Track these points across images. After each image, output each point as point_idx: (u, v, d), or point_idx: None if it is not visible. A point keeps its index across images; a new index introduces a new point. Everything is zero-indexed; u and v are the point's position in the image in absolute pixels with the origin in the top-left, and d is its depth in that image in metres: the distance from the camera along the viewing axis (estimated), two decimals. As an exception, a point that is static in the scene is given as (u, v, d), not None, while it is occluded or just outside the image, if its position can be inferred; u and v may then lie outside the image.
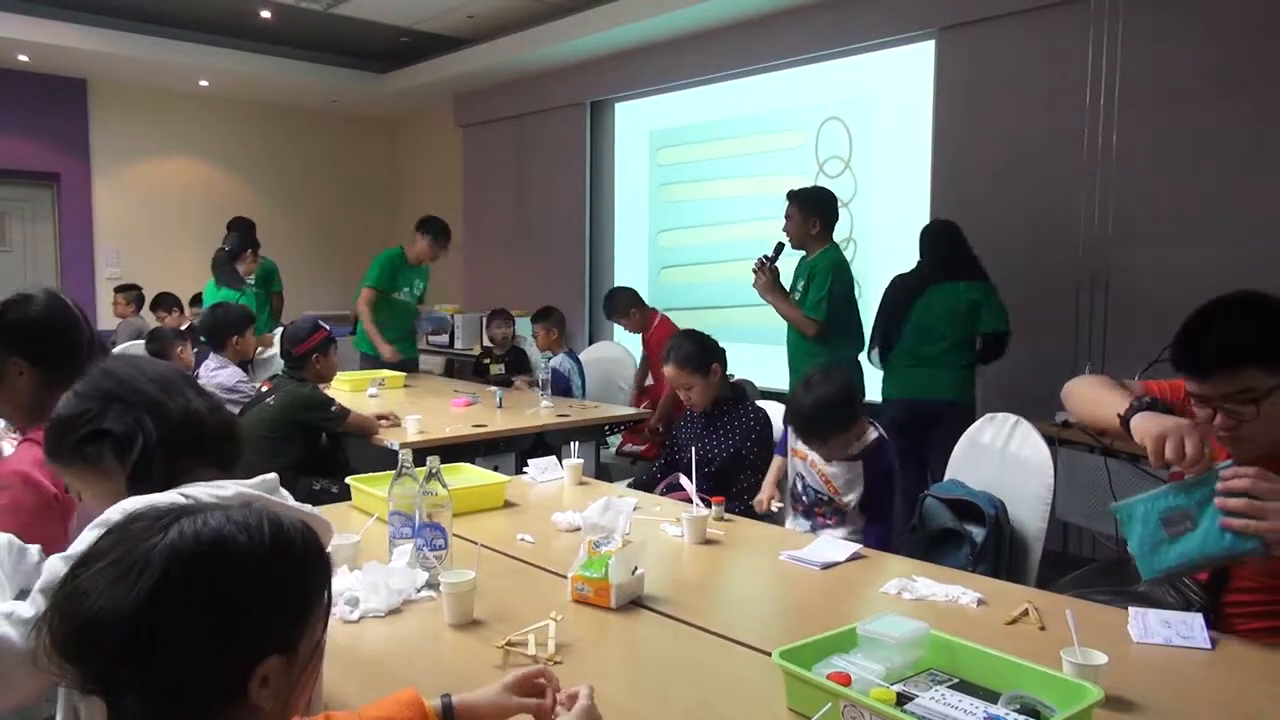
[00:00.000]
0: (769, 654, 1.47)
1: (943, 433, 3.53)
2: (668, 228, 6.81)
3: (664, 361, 3.19)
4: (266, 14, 6.70)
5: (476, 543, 1.96)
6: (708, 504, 2.43)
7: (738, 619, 1.85)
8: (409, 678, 1.42)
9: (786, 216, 4.16)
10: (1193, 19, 4.09)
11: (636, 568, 1.88)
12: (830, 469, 2.59)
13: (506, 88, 7.77)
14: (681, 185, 6.69)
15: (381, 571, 1.87)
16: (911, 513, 2.70)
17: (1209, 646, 1.62)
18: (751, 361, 5.26)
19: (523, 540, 2.30)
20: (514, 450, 3.95)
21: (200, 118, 8.52)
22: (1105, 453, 3.18)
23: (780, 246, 4.15)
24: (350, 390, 4.73)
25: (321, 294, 7.96)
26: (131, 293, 7.03)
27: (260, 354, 5.40)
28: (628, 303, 5.39)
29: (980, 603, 1.86)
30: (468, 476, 2.75)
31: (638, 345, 5.52)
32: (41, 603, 1.20)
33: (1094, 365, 4.30)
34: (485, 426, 3.85)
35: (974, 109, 4.85)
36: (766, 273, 4.08)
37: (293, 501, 1.35)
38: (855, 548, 2.21)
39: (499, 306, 6.12)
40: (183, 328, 6.26)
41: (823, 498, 2.63)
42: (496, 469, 3.09)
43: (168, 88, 8.18)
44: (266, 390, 3.75)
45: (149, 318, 6.89)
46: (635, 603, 1.86)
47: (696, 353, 3.12)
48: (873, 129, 5.51)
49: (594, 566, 1.84)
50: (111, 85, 8.01)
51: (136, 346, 4.90)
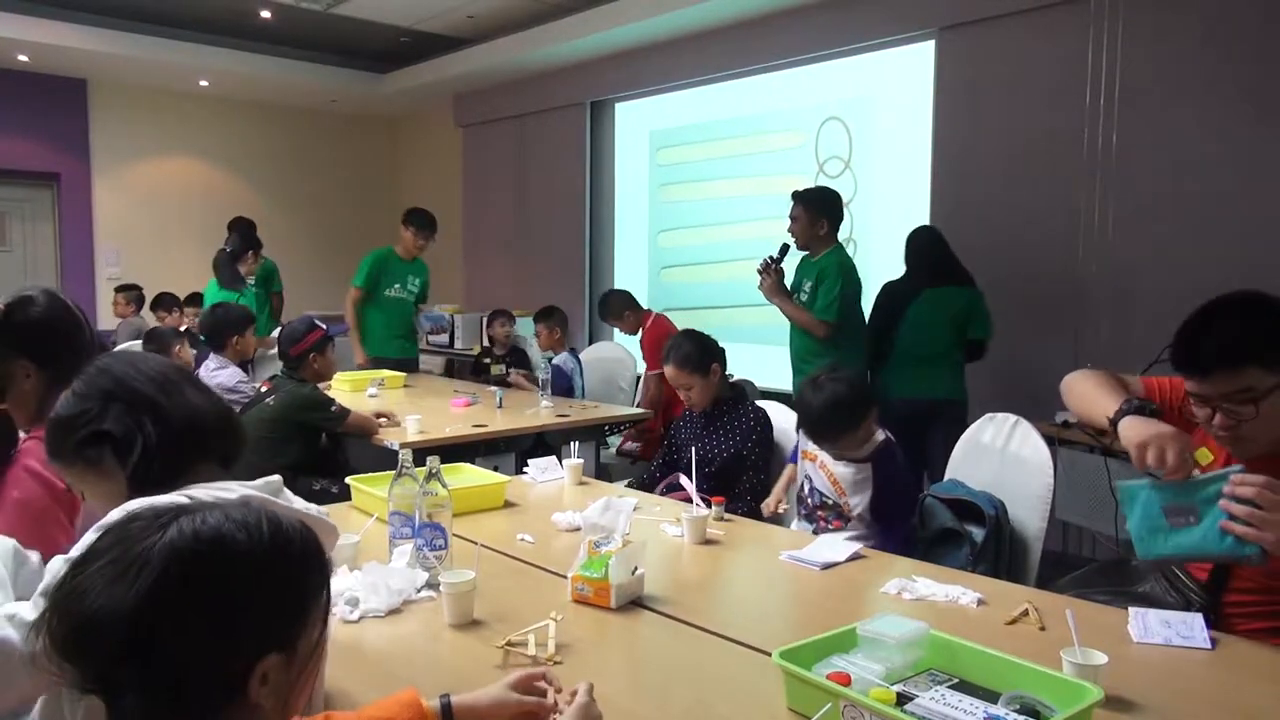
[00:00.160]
0: (769, 654, 1.47)
1: (941, 429, 3.79)
2: (668, 228, 6.81)
3: (664, 361, 3.19)
4: (266, 14, 6.70)
5: (476, 543, 1.96)
6: (708, 504, 2.43)
7: (738, 619, 1.85)
8: (409, 678, 1.43)
9: (792, 217, 4.14)
10: (1193, 19, 4.09)
11: (636, 568, 1.88)
12: (839, 470, 2.59)
13: (506, 88, 7.77)
14: (681, 185, 6.69)
15: (381, 572, 1.87)
16: (911, 511, 2.70)
17: (1209, 647, 1.62)
18: (751, 361, 5.26)
19: (523, 540, 2.30)
20: (514, 450, 3.96)
21: (200, 118, 8.52)
22: (1105, 452, 3.17)
23: (785, 247, 4.14)
24: (350, 390, 4.73)
25: (321, 294, 7.95)
26: (132, 293, 7.03)
27: (260, 354, 5.40)
28: (621, 305, 5.39)
29: (980, 603, 1.86)
30: (468, 476, 2.75)
31: (637, 346, 5.52)
32: (44, 605, 1.20)
33: (1094, 366, 4.28)
34: (485, 426, 3.85)
35: (974, 109, 4.85)
36: (772, 274, 4.07)
37: (298, 504, 1.35)
38: (855, 547, 2.21)
39: (500, 307, 6.12)
40: (181, 329, 6.26)
41: (828, 501, 2.63)
42: (496, 469, 3.09)
43: (168, 88, 8.18)
44: (266, 390, 3.75)
45: (149, 317, 6.89)
46: (635, 603, 1.86)
47: (696, 353, 3.12)
48: (873, 129, 5.51)
49: (594, 566, 1.84)
50: (111, 85, 8.01)
51: (136, 346, 4.89)
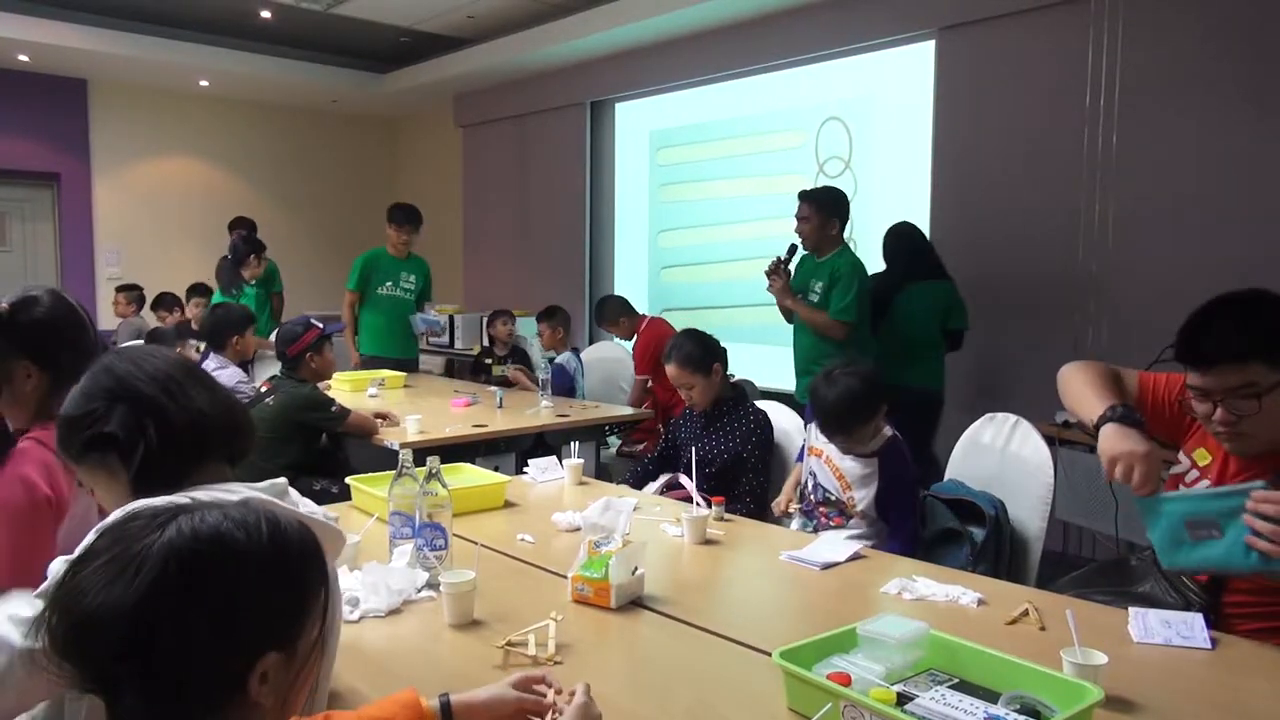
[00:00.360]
0: (769, 654, 1.47)
1: (927, 417, 4.17)
2: (668, 228, 6.81)
3: (665, 360, 3.19)
4: (267, 14, 6.70)
5: (477, 543, 1.96)
6: (708, 504, 2.43)
7: (738, 619, 1.85)
8: (409, 678, 1.43)
9: (801, 218, 4.11)
10: (1193, 19, 4.09)
11: (637, 568, 1.88)
12: (846, 464, 2.60)
13: (506, 88, 7.77)
14: (681, 185, 6.69)
15: (381, 572, 1.87)
16: (915, 508, 2.70)
17: (1209, 647, 1.62)
18: (751, 361, 5.26)
19: (523, 540, 2.30)
20: (514, 450, 3.95)
21: (200, 118, 8.52)
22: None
23: (794, 247, 4.13)
24: (350, 390, 4.73)
25: (321, 294, 7.96)
26: (133, 292, 7.02)
27: (260, 355, 5.41)
28: (617, 311, 5.39)
29: (980, 603, 1.86)
30: (468, 476, 2.75)
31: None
32: (42, 605, 1.20)
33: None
34: (485, 426, 3.85)
35: (974, 109, 4.85)
36: (782, 275, 4.07)
37: (304, 508, 1.34)
38: (856, 547, 2.21)
39: (501, 307, 6.12)
40: (187, 316, 6.30)
41: (830, 497, 2.63)
42: (497, 469, 3.09)
43: (168, 88, 8.18)
44: (266, 390, 3.75)
45: (149, 317, 6.89)
46: (635, 603, 1.86)
47: (698, 352, 3.12)
48: (873, 129, 5.51)
49: (594, 566, 1.84)
50: (112, 85, 8.01)
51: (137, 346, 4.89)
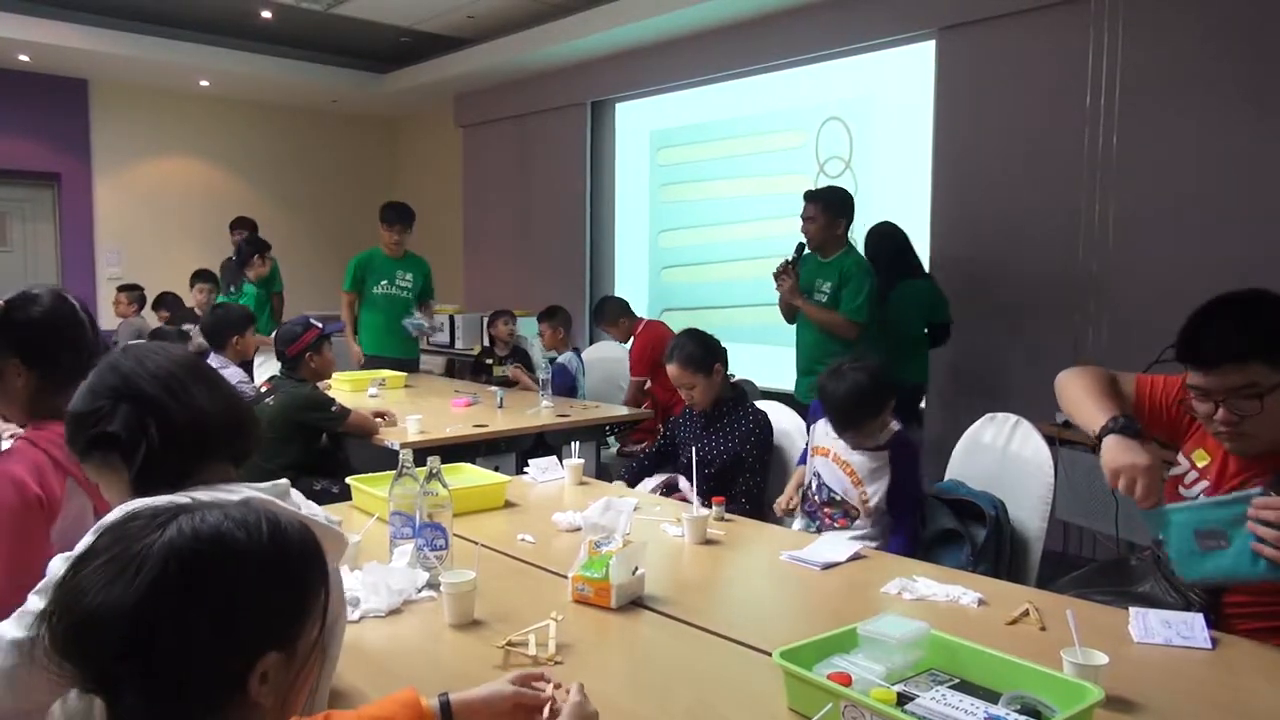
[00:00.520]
0: (770, 654, 1.47)
1: (914, 410, 4.36)
2: (668, 228, 6.81)
3: (667, 359, 3.19)
4: (267, 14, 6.70)
5: (477, 543, 1.96)
6: (708, 504, 2.43)
7: (738, 619, 1.85)
8: (410, 678, 1.42)
9: (807, 218, 4.11)
10: (1193, 19, 4.08)
11: (637, 568, 1.88)
12: (856, 459, 2.60)
13: (507, 88, 7.77)
14: (682, 185, 6.69)
15: (382, 572, 1.87)
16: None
17: (1209, 647, 1.62)
18: (751, 361, 5.25)
19: (523, 540, 2.30)
20: (514, 450, 3.95)
21: (201, 118, 8.52)
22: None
23: (801, 246, 4.13)
24: (351, 390, 4.73)
25: (321, 294, 7.95)
26: (134, 292, 7.02)
27: (261, 355, 5.41)
28: (616, 312, 5.40)
29: (981, 603, 1.86)
30: (468, 476, 2.75)
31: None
32: (37, 603, 1.19)
33: (1087, 362, 4.30)
34: (486, 426, 3.85)
35: (974, 109, 4.84)
36: (791, 276, 4.06)
37: (306, 510, 1.34)
38: (856, 547, 2.21)
39: (501, 308, 6.11)
40: (190, 304, 6.35)
41: (835, 497, 2.63)
42: (497, 469, 3.09)
43: (168, 88, 8.18)
44: (266, 390, 3.75)
45: (150, 317, 6.89)
46: (636, 603, 1.86)
47: (700, 352, 3.12)
48: (873, 129, 5.50)
49: (594, 567, 1.84)
50: (112, 85, 8.01)
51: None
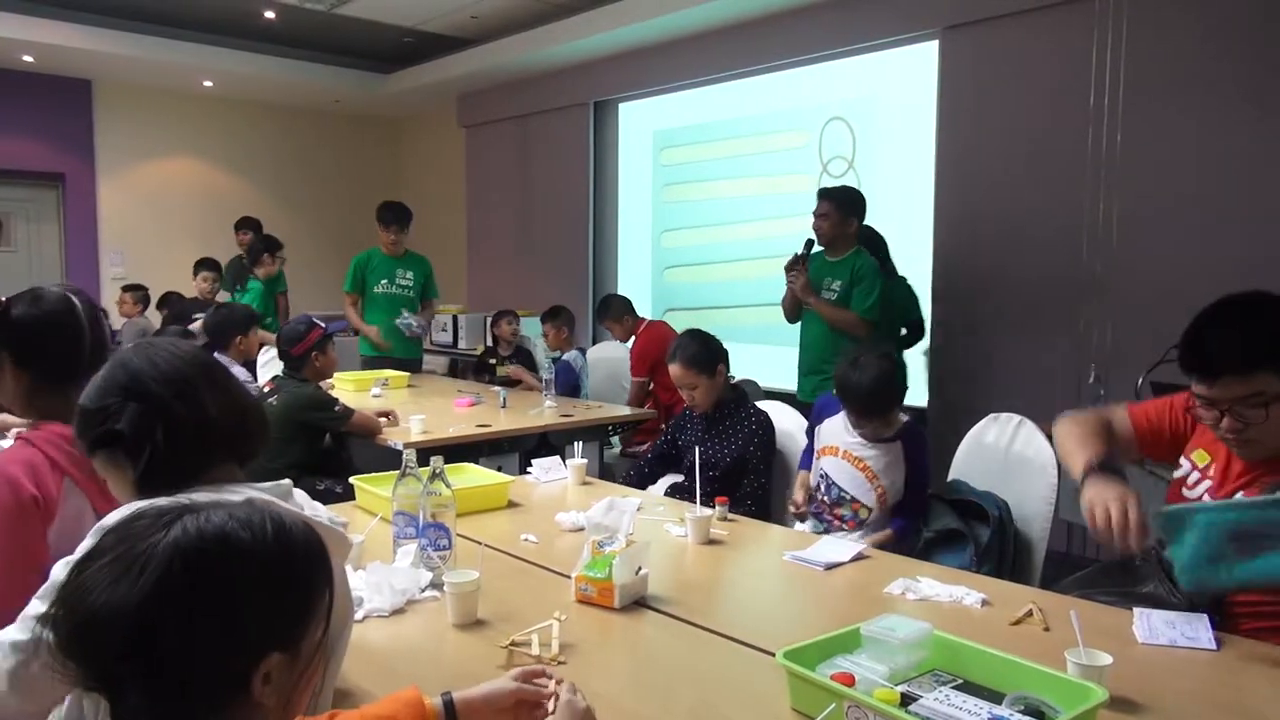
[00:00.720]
0: (773, 654, 1.47)
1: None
2: (671, 228, 6.81)
3: (669, 360, 3.18)
4: (270, 14, 6.70)
5: (480, 543, 1.96)
6: (711, 504, 2.43)
7: (741, 619, 1.85)
8: (413, 677, 1.42)
9: (821, 214, 4.13)
10: (1195, 18, 4.08)
11: (640, 568, 1.88)
12: (869, 454, 2.60)
13: (510, 88, 7.77)
14: (685, 185, 6.68)
15: (385, 571, 1.87)
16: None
17: (1214, 647, 1.62)
18: (753, 361, 5.25)
19: (526, 540, 2.30)
20: (518, 450, 3.95)
21: (204, 118, 8.53)
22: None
23: (810, 243, 4.14)
24: (354, 390, 4.74)
25: (324, 294, 7.96)
26: (138, 292, 7.04)
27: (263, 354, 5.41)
28: (620, 309, 5.40)
29: (984, 603, 1.86)
30: (471, 476, 2.75)
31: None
32: (39, 606, 1.20)
33: (1098, 366, 4.30)
34: (489, 426, 3.85)
35: (978, 109, 4.84)
36: (803, 271, 4.07)
37: (309, 510, 1.34)
38: (859, 548, 2.21)
39: (504, 308, 6.11)
40: (195, 293, 6.40)
41: (845, 497, 2.62)
42: (500, 469, 3.09)
43: (172, 88, 8.19)
44: (269, 390, 3.76)
45: (154, 317, 6.90)
46: (639, 603, 1.86)
47: (703, 353, 3.11)
48: (876, 129, 5.50)
49: (598, 567, 1.85)
50: (116, 86, 8.02)
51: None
